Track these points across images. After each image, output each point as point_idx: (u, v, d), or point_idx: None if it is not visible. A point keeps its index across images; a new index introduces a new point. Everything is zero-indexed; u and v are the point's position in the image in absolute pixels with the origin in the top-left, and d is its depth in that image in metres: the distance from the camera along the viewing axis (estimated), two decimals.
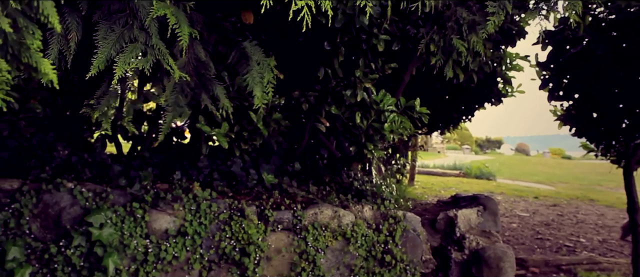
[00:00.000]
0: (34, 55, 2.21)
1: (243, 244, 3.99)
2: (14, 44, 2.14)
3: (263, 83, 3.03)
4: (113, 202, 3.80)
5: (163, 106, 2.98)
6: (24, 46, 2.18)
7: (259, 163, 4.61)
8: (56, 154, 4.06)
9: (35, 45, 2.23)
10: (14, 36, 2.13)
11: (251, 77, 3.02)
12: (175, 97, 2.92)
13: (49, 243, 3.65)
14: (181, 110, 2.97)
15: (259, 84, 2.97)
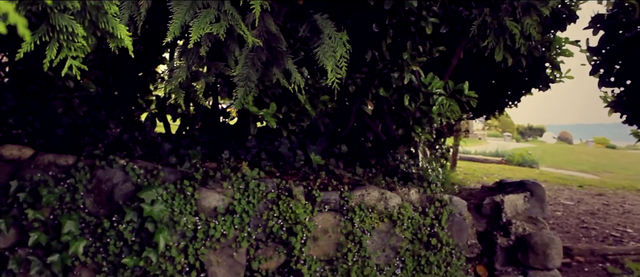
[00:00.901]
0: (111, 20, 2.24)
1: (290, 223, 4.02)
2: (91, 9, 2.17)
3: (335, 57, 3.02)
4: (164, 179, 3.87)
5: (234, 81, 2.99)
6: (102, 11, 2.22)
7: (306, 144, 4.62)
8: (108, 132, 4.14)
9: (112, 10, 2.26)
10: (92, 1, 2.17)
11: (322, 51, 3.01)
12: (246, 72, 2.94)
13: (102, 218, 3.73)
14: (252, 85, 2.98)
15: (330, 58, 2.96)
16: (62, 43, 2.09)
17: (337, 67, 3.02)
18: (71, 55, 2.10)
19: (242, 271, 4.03)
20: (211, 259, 3.93)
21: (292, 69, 3.24)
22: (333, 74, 3.05)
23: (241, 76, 2.97)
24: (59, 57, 2.11)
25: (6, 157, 3.79)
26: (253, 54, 2.97)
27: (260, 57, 2.98)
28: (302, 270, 4.05)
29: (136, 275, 3.75)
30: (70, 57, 2.11)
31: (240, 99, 3.08)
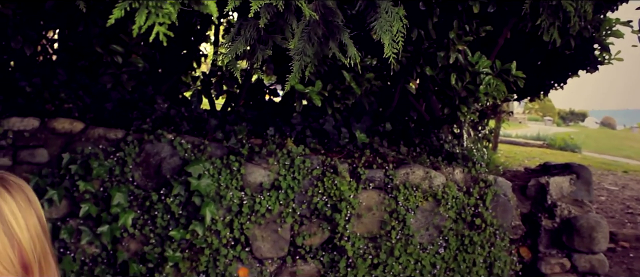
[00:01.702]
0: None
1: (335, 200, 4.04)
2: None
3: (392, 32, 3.00)
4: (210, 154, 3.91)
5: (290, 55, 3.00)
6: None
7: (350, 122, 4.62)
8: (156, 107, 4.20)
9: None
10: None
11: (379, 26, 2.98)
12: (302, 46, 2.94)
13: (150, 191, 3.80)
14: (307, 59, 2.98)
15: (387, 33, 2.94)
16: (151, 10, 2.13)
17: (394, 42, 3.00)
18: (158, 22, 2.14)
19: (286, 246, 4.06)
20: (256, 234, 3.97)
21: (349, 44, 3.23)
22: (389, 49, 3.02)
23: (297, 50, 2.97)
24: (147, 23, 2.14)
25: (58, 130, 3.87)
26: (309, 28, 2.96)
27: (317, 31, 2.97)
28: (345, 247, 4.07)
29: (182, 248, 3.81)
30: (157, 24, 2.14)
31: (296, 73, 3.08)
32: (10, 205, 1.05)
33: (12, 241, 1.03)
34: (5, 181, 1.08)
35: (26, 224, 1.07)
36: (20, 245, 1.05)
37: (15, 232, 1.04)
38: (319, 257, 4.12)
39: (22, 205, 1.07)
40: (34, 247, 1.08)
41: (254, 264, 4.01)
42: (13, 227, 1.04)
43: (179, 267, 3.80)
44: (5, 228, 1.02)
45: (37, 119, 3.88)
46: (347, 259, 4.12)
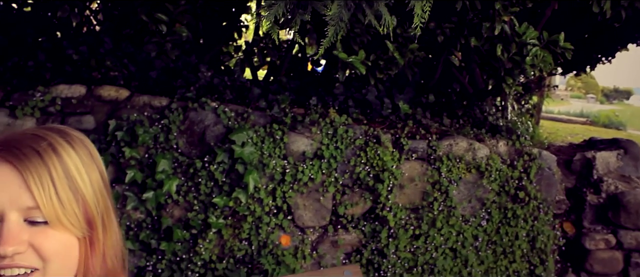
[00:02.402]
0: None
1: (377, 170, 4.02)
2: None
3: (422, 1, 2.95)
4: (253, 122, 3.92)
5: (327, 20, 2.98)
6: None
7: (393, 93, 4.59)
8: (200, 76, 4.22)
9: None
10: None
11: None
12: (339, 11, 2.92)
13: (194, 158, 3.83)
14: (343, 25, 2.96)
15: (419, 1, 2.89)
16: None
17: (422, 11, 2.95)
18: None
19: (328, 215, 4.07)
20: (298, 203, 3.99)
21: (384, 11, 3.18)
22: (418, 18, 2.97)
23: (334, 16, 2.94)
24: None
25: (104, 97, 3.92)
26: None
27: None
28: (387, 217, 4.06)
29: (225, 215, 3.85)
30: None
31: (330, 37, 3.06)
32: (74, 159, 1.04)
33: (77, 195, 1.03)
34: (68, 135, 1.08)
35: (90, 179, 1.06)
36: (84, 200, 1.05)
37: (80, 187, 1.04)
38: (361, 227, 4.13)
39: (85, 160, 1.07)
40: (97, 202, 1.08)
41: (295, 232, 4.03)
42: (77, 181, 1.03)
43: (222, 234, 3.84)
44: (69, 183, 1.02)
45: (84, 86, 3.93)
46: (388, 230, 4.11)
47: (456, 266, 4.30)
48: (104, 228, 1.11)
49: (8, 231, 0.98)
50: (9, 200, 0.98)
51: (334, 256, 4.10)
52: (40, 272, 1.02)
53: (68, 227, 1.02)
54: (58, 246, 1.03)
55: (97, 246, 1.10)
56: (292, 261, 3.92)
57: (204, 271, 3.85)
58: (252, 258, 3.92)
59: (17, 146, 1.01)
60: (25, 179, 0.98)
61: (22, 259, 1.00)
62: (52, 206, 0.99)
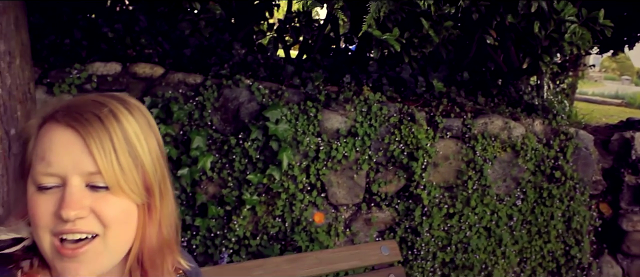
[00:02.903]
0: None
1: (411, 148, 4.00)
2: None
3: None
4: (287, 100, 3.92)
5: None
6: None
7: (427, 71, 4.54)
8: (233, 53, 4.23)
9: None
10: None
11: None
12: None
13: (228, 135, 3.84)
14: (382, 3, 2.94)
15: None
16: None
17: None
18: None
19: (362, 193, 4.06)
20: (332, 180, 3.98)
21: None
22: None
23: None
24: None
25: (139, 74, 3.95)
26: None
27: None
28: (421, 195, 4.04)
29: (259, 192, 3.86)
30: None
31: (372, 13, 3.04)
32: (134, 126, 1.05)
33: (136, 162, 1.04)
34: (126, 103, 1.08)
35: (148, 146, 1.07)
36: (143, 167, 1.05)
37: (139, 154, 1.04)
38: (394, 205, 4.11)
39: (143, 127, 1.07)
40: (155, 170, 1.09)
41: (329, 209, 4.03)
42: (137, 148, 1.04)
43: (256, 211, 3.86)
44: (129, 149, 1.03)
45: (119, 63, 3.96)
46: (422, 208, 4.09)
47: (490, 245, 4.27)
48: (161, 196, 1.12)
49: (71, 195, 0.99)
50: (71, 165, 0.99)
51: (367, 233, 4.10)
52: (100, 238, 1.03)
53: (128, 193, 1.03)
54: (118, 212, 1.04)
55: (155, 214, 1.11)
56: (325, 238, 3.93)
57: (237, 247, 3.88)
58: (286, 235, 3.93)
59: (79, 111, 1.02)
60: (87, 144, 0.99)
61: (83, 225, 1.01)
62: (113, 171, 1.00)
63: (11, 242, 1.10)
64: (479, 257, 4.22)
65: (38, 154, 1.03)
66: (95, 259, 1.04)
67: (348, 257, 2.33)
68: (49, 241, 1.03)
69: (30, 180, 1.05)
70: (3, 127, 2.53)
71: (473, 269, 4.23)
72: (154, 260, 1.16)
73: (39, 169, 1.01)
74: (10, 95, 2.58)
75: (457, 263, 4.20)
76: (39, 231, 1.03)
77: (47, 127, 1.04)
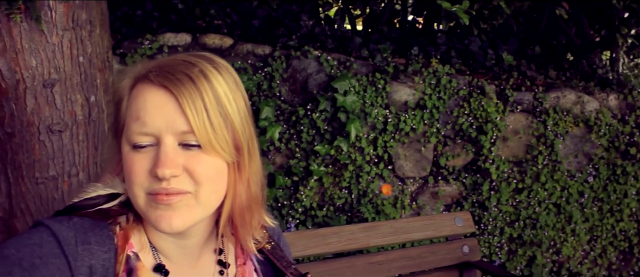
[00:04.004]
0: None
1: (480, 122, 3.94)
2: None
3: None
4: (356, 71, 3.90)
5: None
6: None
7: (497, 44, 4.45)
8: (301, 24, 4.23)
9: None
10: None
11: None
12: None
13: (297, 106, 3.86)
14: None
15: None
16: None
17: None
18: None
19: (429, 166, 4.03)
20: (399, 152, 3.96)
21: None
22: None
23: None
24: None
25: (209, 45, 3.99)
26: None
27: None
28: (490, 169, 3.98)
29: (326, 163, 3.87)
30: None
31: None
32: (223, 86, 1.05)
33: (226, 121, 1.04)
34: (215, 62, 1.09)
35: (237, 105, 1.07)
36: (232, 126, 1.06)
37: (229, 113, 1.05)
38: (462, 178, 4.07)
39: (232, 86, 1.08)
40: (243, 128, 1.09)
41: (395, 182, 4.02)
42: (226, 107, 1.05)
43: (323, 182, 3.88)
44: (220, 108, 1.03)
45: (189, 34, 4.01)
46: (490, 182, 4.03)
47: (559, 222, 4.18)
48: (249, 155, 1.13)
49: (165, 154, 1.01)
50: (165, 124, 1.01)
51: (434, 207, 4.07)
52: (193, 196, 1.05)
53: (219, 152, 1.04)
54: (210, 170, 1.05)
55: (244, 172, 1.12)
56: (391, 210, 3.92)
57: (304, 218, 3.91)
58: (352, 206, 3.95)
59: (171, 71, 1.03)
60: (180, 103, 1.00)
61: (177, 183, 1.03)
62: (205, 130, 1.01)
63: (108, 198, 1.14)
64: (548, 233, 4.15)
65: (132, 114, 1.05)
66: (188, 210, 1.06)
67: (422, 227, 2.33)
68: (144, 195, 1.05)
69: (125, 139, 1.07)
70: (84, 94, 2.59)
71: (541, 246, 4.16)
72: (243, 217, 1.17)
73: (134, 128, 1.03)
74: (90, 63, 2.64)
75: (524, 239, 4.14)
76: (133, 187, 1.05)
77: (139, 88, 1.06)
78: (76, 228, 1.05)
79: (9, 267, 0.94)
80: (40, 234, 1.02)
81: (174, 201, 1.03)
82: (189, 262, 1.20)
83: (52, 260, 0.99)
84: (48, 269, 0.97)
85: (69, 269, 1.00)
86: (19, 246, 0.98)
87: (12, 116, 2.45)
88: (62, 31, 2.48)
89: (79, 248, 1.03)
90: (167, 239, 1.15)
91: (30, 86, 2.42)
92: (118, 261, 1.08)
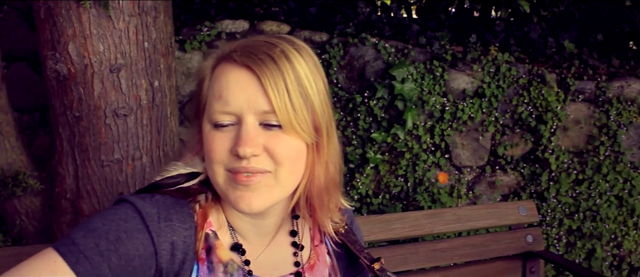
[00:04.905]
0: None
1: (540, 111, 3.87)
2: None
3: None
4: (413, 59, 3.87)
5: None
6: None
7: (557, 31, 4.36)
8: (358, 11, 4.22)
9: None
10: None
11: None
12: None
13: (354, 93, 3.86)
14: None
15: None
16: None
17: None
18: None
19: (486, 155, 3.99)
20: (456, 141, 3.93)
21: None
22: None
23: None
24: None
25: (266, 32, 4.01)
26: None
27: None
28: (549, 159, 3.91)
29: (383, 150, 3.86)
30: None
31: None
32: (303, 67, 1.06)
33: (307, 102, 1.05)
34: (296, 44, 1.10)
35: (317, 87, 1.08)
36: (312, 107, 1.07)
37: (309, 94, 1.06)
38: (520, 168, 4.01)
39: (312, 68, 1.08)
40: (323, 110, 1.10)
41: (452, 171, 3.99)
42: (307, 88, 1.05)
43: (379, 169, 3.87)
44: (301, 89, 1.04)
45: (247, 21, 4.04)
46: (549, 173, 3.96)
47: (621, 214, 4.08)
48: (328, 137, 1.13)
49: (247, 133, 1.02)
50: (247, 103, 1.03)
51: (491, 196, 4.03)
52: (272, 175, 1.07)
53: (299, 132, 1.05)
54: (290, 150, 1.06)
55: (323, 154, 1.13)
56: (447, 199, 3.89)
57: (359, 205, 3.92)
58: (408, 195, 3.93)
59: (253, 51, 1.05)
60: (262, 83, 1.02)
61: (257, 162, 1.04)
62: (286, 110, 1.02)
63: (188, 177, 1.17)
64: (609, 226, 4.06)
65: (214, 93, 1.07)
66: (268, 190, 1.07)
67: (486, 215, 2.31)
68: (224, 174, 1.08)
69: (206, 118, 1.09)
70: (148, 79, 2.64)
71: (601, 239, 4.07)
72: (321, 198, 1.18)
73: (216, 107, 1.05)
74: (154, 49, 2.69)
75: (584, 231, 4.06)
76: (213, 165, 1.08)
77: (222, 67, 1.08)
78: (158, 205, 1.08)
79: (96, 239, 0.97)
80: (125, 210, 1.05)
81: (254, 181, 1.05)
82: (264, 243, 1.22)
83: (137, 235, 1.02)
84: (133, 243, 1.01)
85: (152, 244, 1.04)
86: (105, 220, 1.01)
87: (80, 100, 2.53)
88: (129, 17, 2.54)
89: (162, 224, 1.06)
90: (244, 219, 1.17)
91: (97, 71, 2.48)
92: (198, 239, 1.11)
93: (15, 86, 2.98)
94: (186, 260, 1.08)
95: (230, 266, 1.14)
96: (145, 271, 1.02)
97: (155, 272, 1.05)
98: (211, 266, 1.12)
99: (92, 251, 0.95)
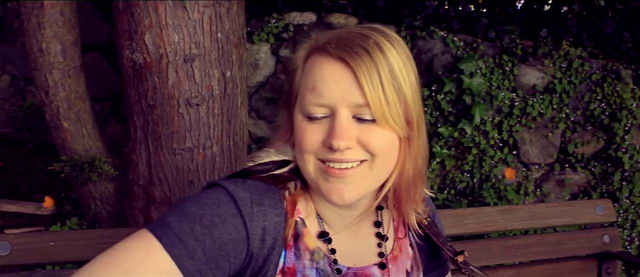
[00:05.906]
0: None
1: (614, 108, 3.76)
2: None
3: None
4: (482, 53, 3.82)
5: None
6: None
7: (633, 26, 4.22)
8: (427, 4, 4.18)
9: None
10: None
11: None
12: None
13: (421, 87, 3.82)
14: None
15: None
16: None
17: None
18: None
19: (556, 152, 3.90)
20: (525, 137, 3.85)
21: None
22: None
23: None
24: None
25: (334, 24, 4.03)
26: None
27: None
28: (622, 158, 3.80)
29: (449, 145, 3.83)
30: None
31: None
32: (397, 59, 1.05)
33: (399, 95, 1.04)
34: (388, 36, 1.08)
35: (409, 79, 1.07)
36: (405, 100, 1.06)
37: (402, 87, 1.04)
38: (590, 167, 3.91)
39: (404, 60, 1.07)
40: (414, 103, 1.09)
41: (519, 167, 3.92)
42: (400, 81, 1.04)
43: (445, 164, 3.84)
44: (394, 82, 1.03)
45: (314, 13, 4.05)
46: (622, 172, 3.85)
47: None
48: (418, 129, 1.12)
49: (340, 126, 1.02)
50: (340, 96, 1.02)
51: (559, 195, 3.94)
52: (368, 164, 1.07)
53: (392, 125, 1.04)
54: (385, 142, 1.06)
55: (413, 146, 1.12)
56: (514, 196, 3.83)
57: None
58: (473, 191, 3.88)
59: (348, 44, 1.03)
60: (357, 77, 1.01)
61: (350, 154, 1.04)
62: (380, 104, 1.01)
63: (279, 164, 1.18)
64: None
65: (308, 85, 1.07)
66: (360, 181, 1.07)
67: (561, 213, 2.25)
68: (315, 164, 1.08)
69: (298, 108, 1.10)
70: (221, 69, 2.68)
71: None
72: (409, 190, 1.18)
73: (310, 99, 1.05)
74: (227, 40, 2.73)
75: None
76: (305, 154, 1.08)
77: (315, 59, 1.07)
78: (251, 190, 1.09)
79: (191, 223, 0.98)
80: (218, 194, 1.06)
81: (348, 174, 1.05)
82: (349, 233, 1.22)
83: (230, 219, 1.03)
84: (226, 228, 1.02)
85: (245, 229, 1.05)
86: (198, 204, 1.03)
87: (154, 89, 2.58)
88: (203, 8, 2.58)
89: (254, 209, 1.07)
90: (332, 208, 1.18)
91: (172, 61, 2.53)
92: (287, 225, 1.12)
93: (89, 75, 3.06)
94: (275, 245, 1.10)
95: (317, 253, 1.15)
96: (237, 255, 1.04)
97: (245, 256, 1.06)
98: (298, 252, 1.13)
99: (187, 234, 0.97)
